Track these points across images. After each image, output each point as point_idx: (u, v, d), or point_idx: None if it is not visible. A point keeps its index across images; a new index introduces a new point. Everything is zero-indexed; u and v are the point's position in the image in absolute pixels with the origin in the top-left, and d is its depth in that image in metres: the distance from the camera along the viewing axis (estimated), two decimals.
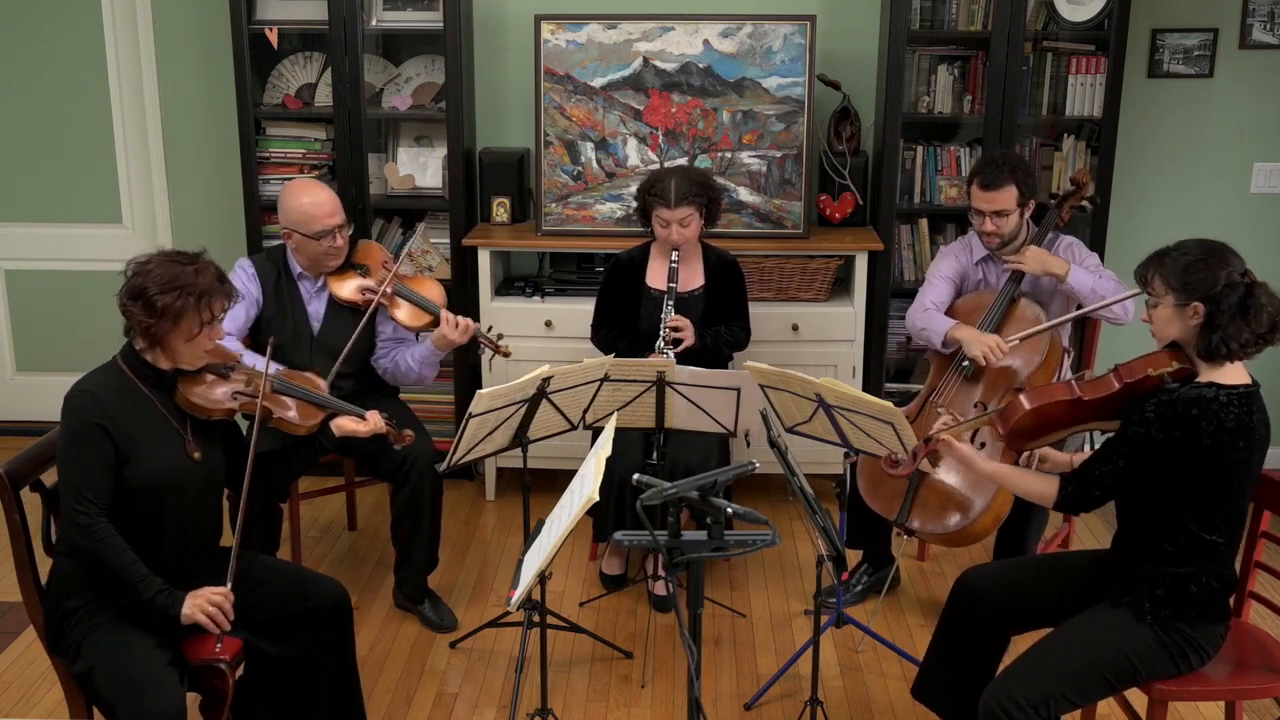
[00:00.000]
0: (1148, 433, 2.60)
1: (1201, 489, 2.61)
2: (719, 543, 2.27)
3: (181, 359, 2.80)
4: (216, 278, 2.80)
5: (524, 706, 3.33)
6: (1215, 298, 2.59)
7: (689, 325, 3.89)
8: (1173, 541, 2.66)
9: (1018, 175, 3.71)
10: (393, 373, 3.89)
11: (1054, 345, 3.64)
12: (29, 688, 3.51)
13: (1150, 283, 2.70)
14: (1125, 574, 2.74)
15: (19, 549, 2.79)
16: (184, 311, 2.71)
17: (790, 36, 4.40)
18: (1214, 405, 2.55)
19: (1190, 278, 2.61)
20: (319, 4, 4.46)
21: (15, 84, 5.00)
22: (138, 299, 2.72)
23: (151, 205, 5.08)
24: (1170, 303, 2.65)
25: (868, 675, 3.60)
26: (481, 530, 4.53)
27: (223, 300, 2.80)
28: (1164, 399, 2.60)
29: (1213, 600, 2.68)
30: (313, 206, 3.64)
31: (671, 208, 3.86)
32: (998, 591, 2.94)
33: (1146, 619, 2.66)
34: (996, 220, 3.73)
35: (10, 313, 5.27)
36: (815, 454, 3.89)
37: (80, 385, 2.75)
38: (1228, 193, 4.79)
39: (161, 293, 2.70)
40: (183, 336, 2.75)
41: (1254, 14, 4.59)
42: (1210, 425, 2.55)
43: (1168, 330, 2.68)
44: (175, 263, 2.76)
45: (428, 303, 3.76)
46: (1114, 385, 2.73)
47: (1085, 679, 2.66)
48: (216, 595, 2.75)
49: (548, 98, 4.49)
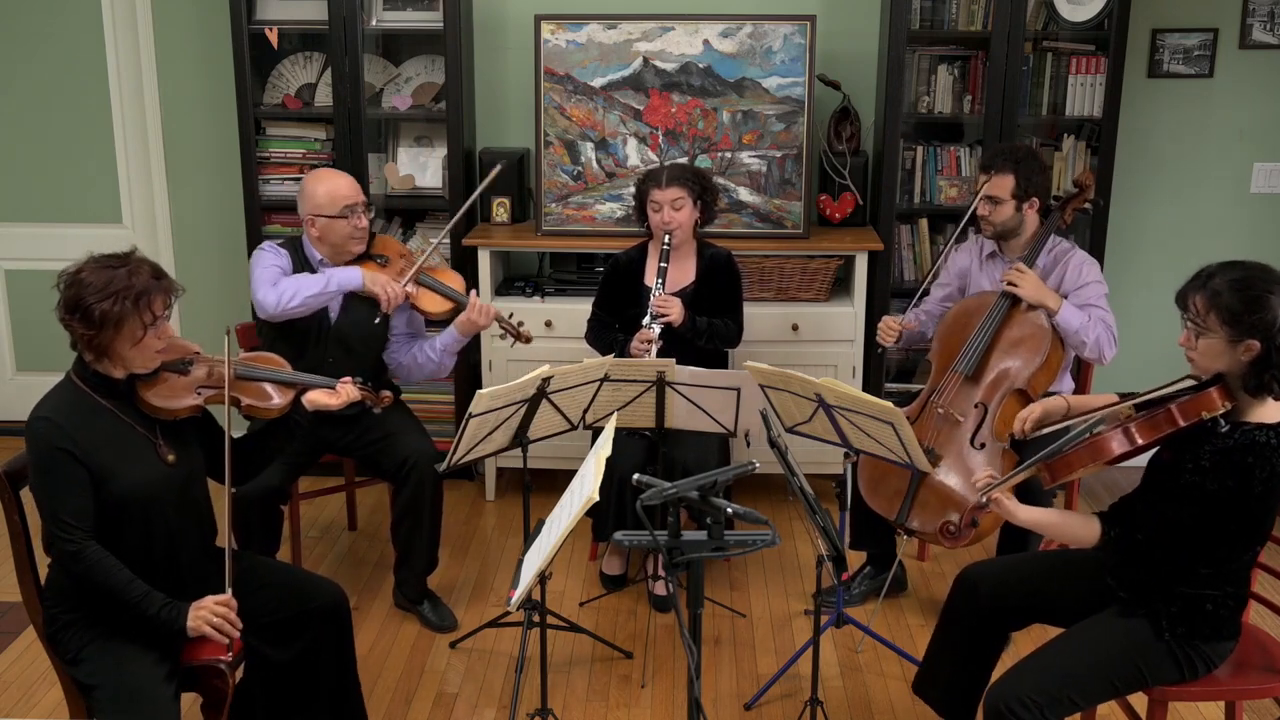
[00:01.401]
0: (1203, 482, 2.53)
1: (1244, 530, 2.58)
2: (719, 543, 2.27)
3: (133, 364, 2.69)
4: (152, 275, 2.67)
5: (524, 706, 3.33)
6: (1273, 336, 2.49)
7: (677, 303, 3.88)
8: (1194, 564, 2.63)
9: (1020, 167, 3.69)
10: (409, 366, 3.88)
11: (1054, 347, 3.63)
12: (29, 688, 3.51)
13: (1198, 313, 2.55)
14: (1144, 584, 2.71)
15: (19, 549, 2.79)
16: (124, 316, 2.59)
17: (790, 36, 4.40)
18: (1266, 450, 2.50)
19: (1250, 316, 2.48)
20: (319, 4, 4.46)
21: (15, 84, 5.00)
22: (75, 311, 2.61)
23: (151, 205, 5.08)
24: (1223, 337, 2.52)
25: (868, 675, 3.60)
26: (481, 530, 4.53)
27: (163, 297, 2.67)
28: (1220, 447, 2.53)
29: (1230, 618, 2.68)
30: (335, 188, 3.66)
31: (663, 188, 3.87)
32: (999, 587, 2.94)
33: (1165, 635, 2.65)
34: (990, 206, 3.73)
35: (10, 313, 5.27)
36: (815, 454, 3.90)
37: (37, 412, 2.65)
38: (1228, 193, 4.79)
39: (98, 301, 2.58)
40: (128, 342, 2.63)
41: (1254, 14, 4.59)
42: (1263, 473, 2.50)
43: (1214, 363, 2.57)
44: (107, 268, 2.64)
45: (451, 290, 3.78)
46: (1168, 429, 2.59)
47: (1093, 684, 2.65)
48: (219, 605, 2.69)
49: (548, 98, 4.50)
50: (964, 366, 3.66)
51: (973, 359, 3.64)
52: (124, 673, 2.66)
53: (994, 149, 3.85)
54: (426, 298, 3.78)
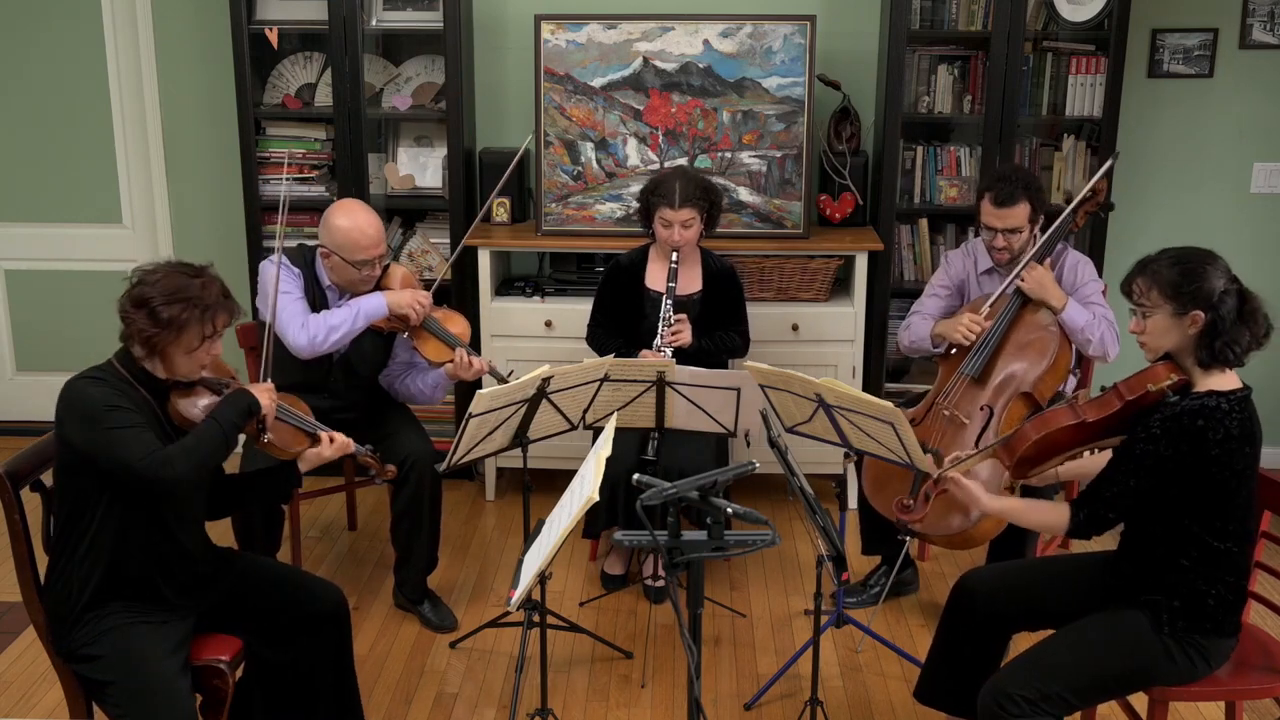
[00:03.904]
0: (1156, 449, 2.57)
1: (1211, 498, 2.59)
2: (719, 543, 2.27)
3: (179, 370, 2.76)
4: (222, 292, 2.77)
5: (524, 706, 3.33)
6: (1215, 304, 2.57)
7: (687, 325, 3.89)
8: (1186, 555, 2.64)
9: (1030, 191, 3.68)
10: (401, 393, 3.91)
11: (1062, 350, 3.62)
12: (29, 688, 3.51)
13: (1142, 294, 2.66)
14: (1138, 581, 2.72)
15: (19, 549, 2.79)
16: (188, 324, 2.68)
17: (790, 36, 4.40)
18: (1218, 414, 2.54)
19: (1189, 286, 2.58)
20: (319, 4, 4.45)
21: (15, 84, 5.00)
22: (142, 307, 2.68)
23: (151, 205, 5.08)
24: (1167, 312, 2.61)
25: (868, 675, 3.60)
26: (481, 530, 4.53)
27: (226, 316, 2.77)
28: (1168, 414, 2.57)
29: (1229, 613, 2.67)
30: (359, 235, 3.58)
31: (675, 209, 3.87)
32: (996, 595, 2.93)
33: (1164, 630, 2.65)
34: (1009, 237, 3.70)
35: (10, 313, 5.27)
36: (815, 454, 3.89)
37: (80, 376, 2.71)
38: (1228, 193, 4.79)
39: (167, 303, 2.66)
40: (183, 349, 2.71)
41: (1254, 14, 4.59)
42: (1217, 434, 2.53)
43: (1163, 341, 2.65)
44: (182, 274, 2.73)
45: (451, 338, 3.75)
46: (1116, 404, 2.69)
47: (1086, 679, 2.65)
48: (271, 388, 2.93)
49: (548, 98, 4.49)
50: (970, 369, 3.65)
51: (979, 361, 3.63)
52: (140, 668, 2.67)
53: (997, 183, 3.71)
54: (428, 343, 3.74)
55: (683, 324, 3.89)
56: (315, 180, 4.66)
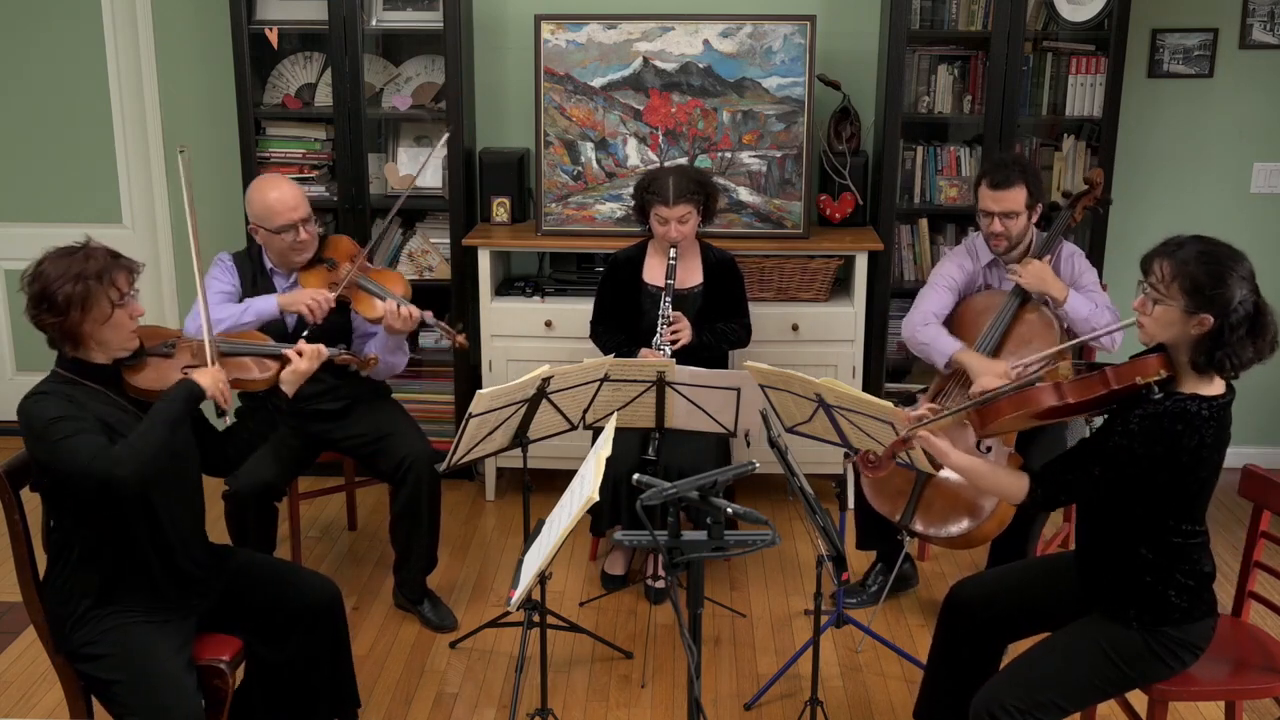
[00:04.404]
0: (1130, 445, 2.53)
1: (1171, 497, 2.58)
2: (719, 543, 2.27)
3: (110, 345, 2.72)
4: (109, 254, 2.72)
5: (524, 706, 3.33)
6: (1228, 313, 2.48)
7: (686, 324, 3.89)
8: (1144, 544, 2.62)
9: (1027, 176, 3.69)
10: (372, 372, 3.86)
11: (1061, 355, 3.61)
12: (29, 688, 3.51)
13: (1160, 279, 2.54)
14: (1102, 574, 2.71)
15: (19, 549, 2.79)
16: (89, 295, 2.64)
17: (790, 36, 4.40)
18: (1197, 420, 2.50)
19: (1211, 290, 2.48)
20: (319, 4, 4.45)
21: (15, 84, 5.00)
22: (41, 303, 2.66)
23: (151, 205, 5.08)
24: (1179, 306, 2.51)
25: (868, 675, 3.60)
26: (481, 530, 4.53)
27: (124, 273, 2.72)
28: (1150, 411, 2.52)
29: (1195, 599, 2.65)
30: (275, 201, 3.59)
31: (670, 205, 3.86)
32: (989, 603, 2.92)
33: (1132, 625, 2.64)
34: (1005, 221, 3.71)
35: (10, 313, 5.27)
36: (815, 454, 3.89)
37: (28, 395, 2.68)
38: (1228, 193, 4.79)
39: (60, 286, 2.64)
40: (99, 321, 2.67)
41: (1254, 14, 4.59)
42: (1191, 441, 2.49)
43: (1164, 332, 2.56)
44: (61, 256, 2.70)
45: (382, 290, 3.68)
46: (1100, 390, 2.63)
47: (1073, 686, 2.64)
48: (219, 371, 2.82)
49: (548, 98, 4.49)
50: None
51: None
52: (146, 665, 2.67)
53: (994, 167, 3.74)
54: (363, 301, 3.68)
55: (681, 323, 3.89)
56: (315, 180, 4.66)
